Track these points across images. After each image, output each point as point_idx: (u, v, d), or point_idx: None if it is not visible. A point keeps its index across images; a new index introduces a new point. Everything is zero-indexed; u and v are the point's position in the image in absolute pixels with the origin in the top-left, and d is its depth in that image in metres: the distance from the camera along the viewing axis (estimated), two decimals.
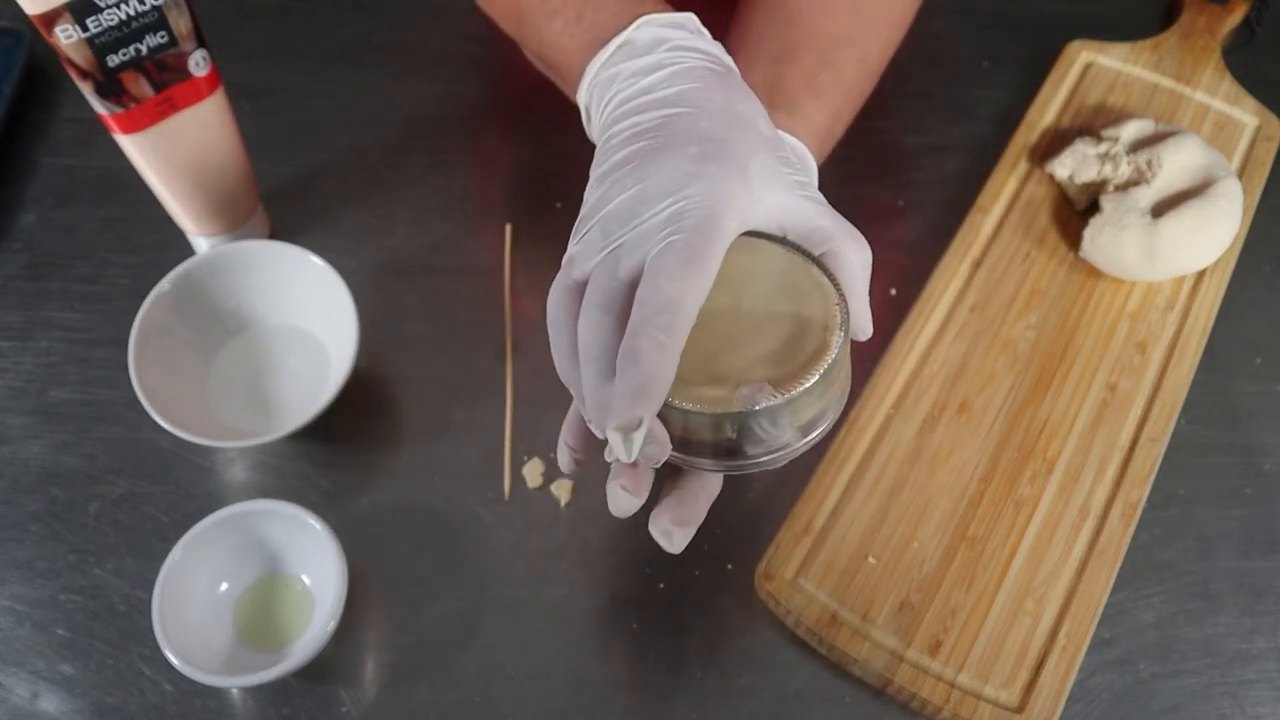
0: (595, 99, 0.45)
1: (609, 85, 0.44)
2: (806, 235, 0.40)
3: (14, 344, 0.64)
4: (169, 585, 0.52)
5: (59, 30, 0.51)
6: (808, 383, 0.36)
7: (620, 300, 0.37)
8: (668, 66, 0.42)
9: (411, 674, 0.55)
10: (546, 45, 0.49)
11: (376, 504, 0.60)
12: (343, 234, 0.68)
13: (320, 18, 0.79)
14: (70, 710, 0.54)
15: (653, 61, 0.43)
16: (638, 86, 0.42)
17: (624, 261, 0.37)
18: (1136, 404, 0.62)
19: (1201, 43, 0.76)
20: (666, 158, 0.39)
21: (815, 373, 0.36)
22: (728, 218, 0.37)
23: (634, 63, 0.43)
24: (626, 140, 0.41)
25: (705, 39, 0.45)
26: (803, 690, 0.55)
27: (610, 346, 0.36)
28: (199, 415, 0.59)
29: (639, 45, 0.44)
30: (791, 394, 0.36)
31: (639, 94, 0.42)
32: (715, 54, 0.44)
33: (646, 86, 0.42)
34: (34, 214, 0.69)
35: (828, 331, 0.38)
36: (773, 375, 0.36)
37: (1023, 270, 0.67)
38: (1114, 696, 0.55)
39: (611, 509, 0.38)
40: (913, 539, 0.57)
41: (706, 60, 0.43)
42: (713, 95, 0.41)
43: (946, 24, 0.60)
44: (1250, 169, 0.71)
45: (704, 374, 0.37)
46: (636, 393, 0.34)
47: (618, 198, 0.39)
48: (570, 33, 0.47)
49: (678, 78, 0.42)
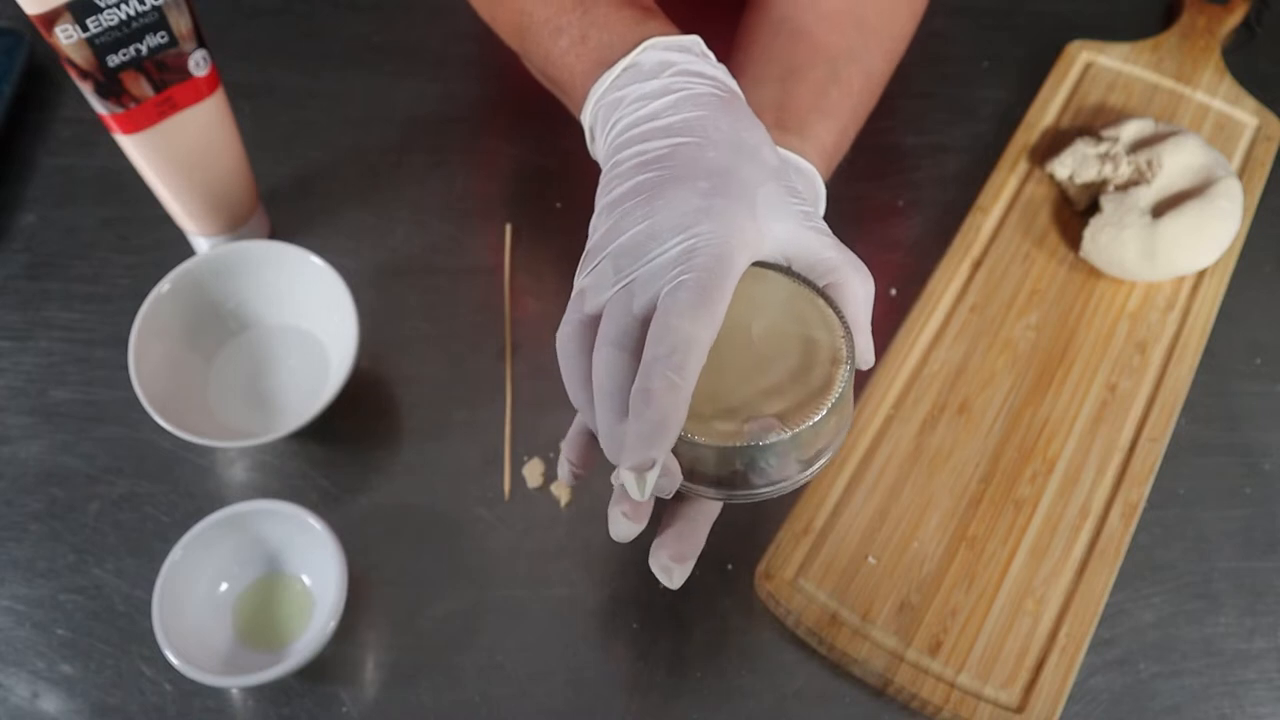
0: (600, 121, 0.45)
1: (614, 108, 0.44)
2: (811, 266, 0.40)
3: (14, 344, 0.64)
4: (169, 585, 0.52)
5: (59, 30, 0.51)
6: (815, 418, 0.37)
7: (634, 336, 0.37)
8: (674, 92, 0.42)
9: (411, 674, 0.55)
10: (550, 63, 0.49)
11: (376, 504, 0.60)
12: (343, 234, 0.69)
13: (320, 18, 0.79)
14: (70, 710, 0.54)
15: (659, 86, 0.43)
16: (643, 112, 0.42)
17: (637, 298, 0.38)
18: (1136, 404, 0.62)
19: (1201, 43, 0.76)
20: (675, 191, 0.39)
21: (822, 407, 0.37)
22: (738, 255, 0.38)
23: (639, 86, 0.43)
24: (633, 169, 0.41)
25: (710, 62, 0.45)
26: (803, 690, 0.55)
27: (625, 383, 0.37)
28: (199, 415, 0.59)
29: (644, 69, 0.44)
30: (798, 429, 0.37)
31: (645, 120, 0.42)
32: (720, 78, 0.44)
33: (652, 113, 0.42)
34: (34, 214, 0.69)
35: (833, 364, 0.38)
36: (779, 408, 0.37)
37: (1023, 270, 0.67)
38: (1114, 696, 0.55)
39: (612, 534, 0.39)
40: (913, 539, 0.57)
41: (712, 86, 0.43)
42: (719, 123, 0.41)
43: (946, 24, 0.60)
44: (1250, 169, 0.71)
45: (710, 405, 0.37)
46: (651, 434, 0.35)
47: (628, 231, 0.39)
48: (575, 52, 0.47)
49: (683, 104, 0.42)
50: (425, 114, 0.74)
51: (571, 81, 0.47)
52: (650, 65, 0.44)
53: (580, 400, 0.39)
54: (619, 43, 0.45)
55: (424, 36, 0.77)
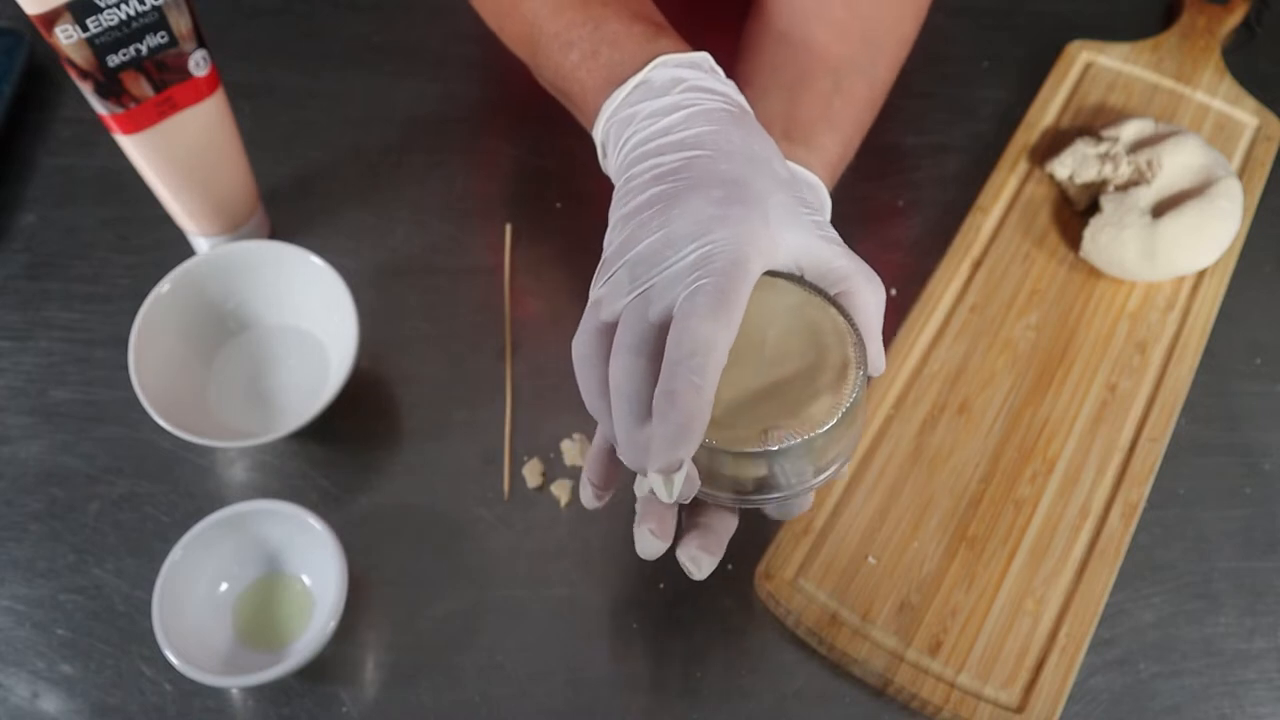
0: (612, 137, 0.45)
1: (626, 125, 0.44)
2: (823, 274, 0.40)
3: (14, 344, 0.64)
4: (169, 585, 0.52)
5: (59, 30, 0.51)
6: (829, 424, 0.37)
7: (652, 342, 0.38)
8: (685, 108, 0.43)
9: (411, 674, 0.55)
10: (561, 76, 0.49)
11: (376, 504, 0.60)
12: (343, 234, 0.69)
13: (320, 18, 0.79)
14: (70, 710, 0.54)
15: (670, 103, 0.43)
16: (656, 128, 0.43)
17: (654, 305, 0.38)
18: (1136, 404, 0.62)
19: (1201, 43, 0.76)
20: (690, 200, 0.39)
21: (836, 413, 0.38)
22: (753, 260, 0.38)
23: (651, 103, 0.44)
24: (648, 183, 0.41)
25: (719, 78, 0.45)
26: (803, 690, 0.55)
27: (643, 387, 0.37)
28: (199, 415, 0.59)
29: (655, 86, 0.44)
30: (812, 435, 0.37)
31: (657, 135, 0.43)
32: (729, 94, 0.45)
33: (665, 128, 0.43)
34: (34, 214, 0.69)
35: (846, 371, 0.39)
36: (793, 415, 0.37)
37: (1023, 270, 0.67)
38: (1114, 696, 0.55)
39: (640, 552, 0.40)
40: (913, 539, 0.57)
41: (722, 101, 0.44)
42: (730, 137, 0.42)
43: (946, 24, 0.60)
44: (1250, 169, 0.71)
45: (725, 411, 0.38)
46: (676, 436, 0.35)
47: (644, 240, 0.39)
48: (586, 67, 0.47)
49: (695, 119, 0.42)
50: (425, 114, 0.74)
51: (583, 96, 0.48)
52: (661, 82, 0.44)
53: (598, 408, 0.39)
54: (630, 60, 0.46)
55: (424, 36, 0.77)
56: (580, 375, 0.40)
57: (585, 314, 0.41)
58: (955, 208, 0.69)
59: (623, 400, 0.37)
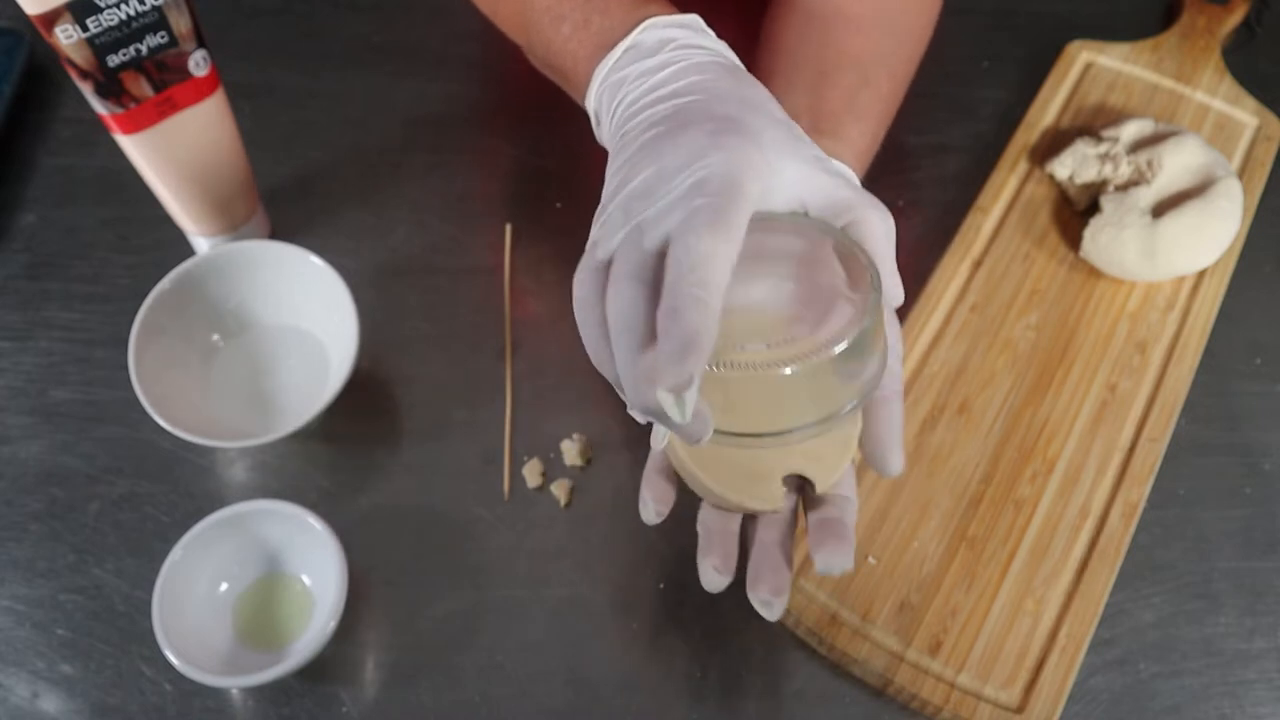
0: (605, 103, 0.45)
1: (618, 88, 0.44)
2: (828, 207, 0.40)
3: (14, 344, 0.64)
4: (169, 585, 0.52)
5: (59, 30, 0.51)
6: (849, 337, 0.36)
7: (649, 268, 0.36)
8: (676, 64, 0.43)
9: (411, 674, 0.55)
10: (554, 52, 0.49)
11: (376, 504, 0.60)
12: (343, 234, 0.69)
13: (320, 18, 0.79)
14: (70, 710, 0.54)
15: (660, 61, 0.43)
16: (647, 85, 0.43)
17: (649, 234, 0.37)
18: (1136, 404, 0.62)
19: (1201, 43, 0.76)
20: (682, 135, 0.39)
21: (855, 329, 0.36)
22: (749, 181, 0.37)
23: (642, 64, 0.43)
24: (641, 131, 0.41)
25: (710, 37, 0.45)
26: (803, 690, 0.55)
27: (643, 315, 0.35)
28: (199, 415, 0.59)
29: (645, 47, 0.44)
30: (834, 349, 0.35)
31: (649, 91, 0.42)
32: (720, 51, 0.44)
33: (657, 84, 0.42)
34: (34, 214, 0.69)
35: (862, 295, 0.37)
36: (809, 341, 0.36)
37: (1023, 270, 0.67)
38: (1114, 696, 0.55)
39: (705, 586, 0.41)
40: (913, 539, 0.57)
41: (713, 55, 0.44)
42: (722, 83, 0.41)
43: (947, 24, 0.60)
44: (1250, 169, 0.71)
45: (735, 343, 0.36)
46: (684, 350, 0.33)
47: (637, 178, 0.39)
48: (577, 38, 0.47)
49: (686, 72, 0.42)
50: (425, 114, 0.74)
51: (575, 68, 0.48)
52: (651, 43, 0.44)
53: (598, 347, 0.38)
54: (619, 25, 0.45)
55: (424, 36, 0.77)
56: (580, 317, 0.38)
57: (584, 256, 0.39)
58: (955, 208, 0.69)
59: (622, 331, 0.36)
